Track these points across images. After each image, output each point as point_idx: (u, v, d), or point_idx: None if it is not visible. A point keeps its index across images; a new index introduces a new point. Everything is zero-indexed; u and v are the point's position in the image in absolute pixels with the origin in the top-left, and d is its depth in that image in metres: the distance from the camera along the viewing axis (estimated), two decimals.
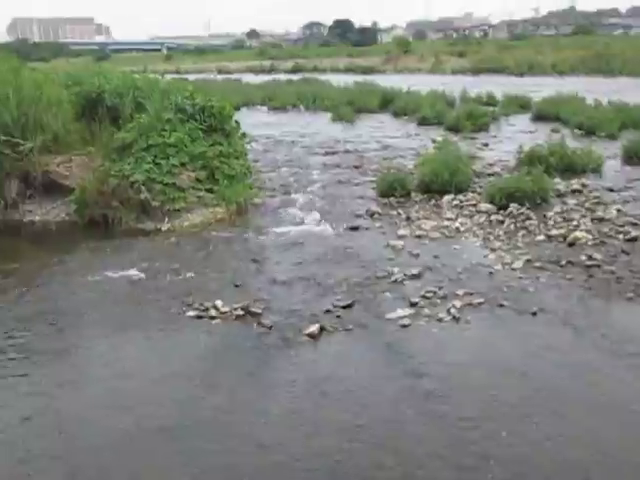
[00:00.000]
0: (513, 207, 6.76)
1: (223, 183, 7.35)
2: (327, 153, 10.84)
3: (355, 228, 6.55)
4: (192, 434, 3.22)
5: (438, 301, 4.65)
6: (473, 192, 7.56)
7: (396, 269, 5.26)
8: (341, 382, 3.62)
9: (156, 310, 4.67)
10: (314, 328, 4.23)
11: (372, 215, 6.99)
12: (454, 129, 12.55)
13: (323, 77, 26.10)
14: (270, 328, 4.31)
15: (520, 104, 15.82)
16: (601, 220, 6.32)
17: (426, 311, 4.49)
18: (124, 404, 3.49)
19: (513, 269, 5.23)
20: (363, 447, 3.08)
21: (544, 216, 6.53)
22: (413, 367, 3.75)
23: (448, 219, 6.68)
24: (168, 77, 11.36)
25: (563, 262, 5.32)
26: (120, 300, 4.86)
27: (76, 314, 4.64)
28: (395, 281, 5.04)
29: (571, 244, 5.76)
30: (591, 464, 2.96)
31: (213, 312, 4.56)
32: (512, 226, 6.38)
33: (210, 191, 7.25)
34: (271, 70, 42.67)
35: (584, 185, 7.63)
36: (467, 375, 3.68)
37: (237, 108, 17.56)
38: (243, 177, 7.72)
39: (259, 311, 4.54)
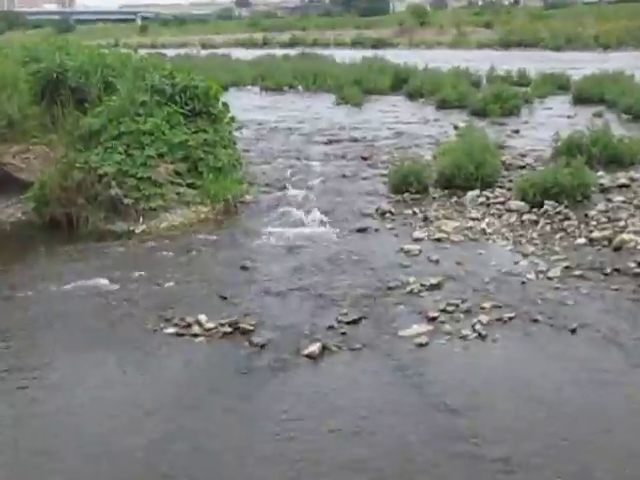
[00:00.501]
0: (549, 205, 6.76)
1: (208, 177, 7.37)
2: (330, 142, 10.88)
3: (363, 230, 6.57)
4: None
5: (461, 316, 4.65)
6: (502, 187, 7.58)
7: (411, 278, 5.27)
8: (346, 414, 3.59)
9: (129, 326, 4.68)
10: (314, 348, 4.23)
11: (383, 214, 7.01)
12: (480, 113, 12.61)
13: (325, 52, 26.21)
14: (263, 347, 4.31)
15: (557, 84, 15.86)
16: None
17: (447, 327, 4.49)
18: (83, 446, 3.39)
19: (549, 278, 5.23)
20: None
21: (585, 215, 6.53)
22: (432, 396, 3.74)
23: (473, 219, 6.70)
24: (143, 52, 11.42)
25: (608, 270, 5.31)
26: (86, 314, 4.85)
27: (33, 332, 4.63)
28: (410, 292, 5.05)
29: (617, 248, 5.76)
30: None
31: (196, 329, 4.57)
32: (548, 227, 6.38)
33: (192, 186, 7.27)
34: (264, 44, 42.87)
35: (632, 179, 7.63)
36: (496, 405, 3.66)
37: (225, 88, 17.61)
38: (231, 170, 7.74)
39: (250, 327, 4.54)
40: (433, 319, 4.60)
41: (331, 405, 3.69)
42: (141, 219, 6.84)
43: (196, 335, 4.51)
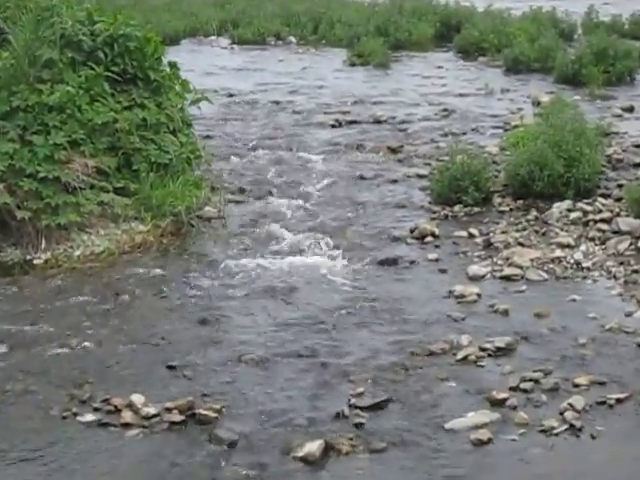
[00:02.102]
0: None
1: (148, 179, 7.41)
2: (339, 124, 10.96)
3: (390, 262, 6.60)
4: None
5: (543, 397, 4.66)
6: (606, 196, 7.63)
7: (465, 338, 5.29)
8: None
9: (25, 411, 4.67)
10: (314, 447, 4.23)
11: (422, 238, 7.04)
12: (572, 81, 12.71)
13: None
14: (232, 446, 4.31)
15: None
16: None
17: (521, 416, 4.49)
18: None
19: None
20: None
21: None
22: None
23: (561, 246, 6.73)
24: None
25: None
26: None
27: None
28: (464, 360, 5.06)
29: None
30: None
31: (128, 415, 4.57)
32: None
33: (124, 193, 7.32)
34: None
35: None
36: None
37: (175, 40, 17.80)
38: (184, 167, 7.80)
39: (213, 415, 4.54)
40: (500, 402, 4.59)
41: None
42: (43, 243, 6.87)
43: (128, 425, 4.50)
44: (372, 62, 15.17)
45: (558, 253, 6.59)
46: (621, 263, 6.42)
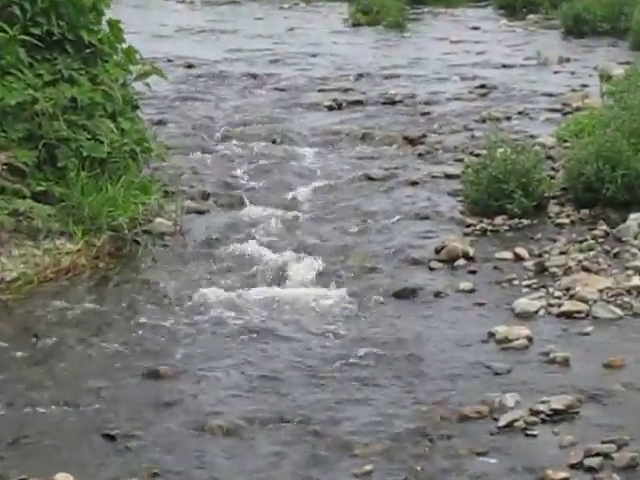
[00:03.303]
0: None
1: (78, 179, 7.44)
2: (337, 106, 11.04)
3: (408, 294, 6.63)
4: None
5: (615, 477, 4.60)
6: None
7: (511, 397, 5.27)
8: None
9: None
10: None
11: (451, 261, 7.07)
12: None
13: None
14: None
15: None
16: None
17: None
18: None
19: None
20: None
21: None
22: None
23: None
24: None
25: None
26: None
27: None
28: (509, 427, 5.05)
29: None
30: None
31: None
32: None
33: (46, 199, 7.34)
34: None
35: None
36: None
37: None
38: (127, 165, 7.84)
39: None
40: None
41: None
42: None
43: None
44: (383, 21, 15.25)
45: (636, 281, 6.61)
46: None
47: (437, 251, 7.20)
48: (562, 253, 7.09)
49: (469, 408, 5.23)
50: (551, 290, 6.57)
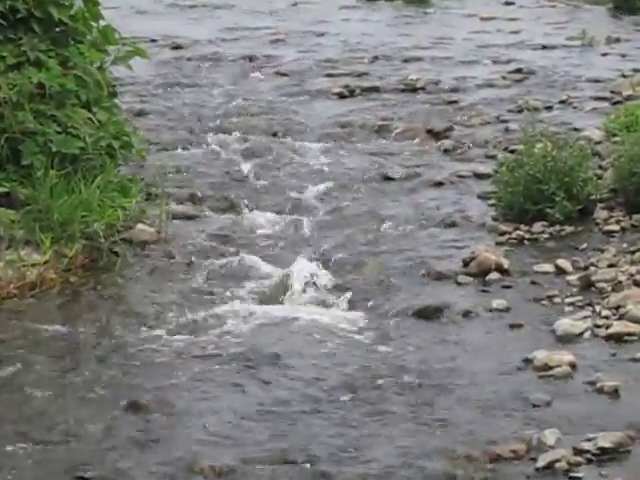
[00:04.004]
0: None
1: (46, 179, 7.50)
2: (349, 93, 11.12)
3: (432, 314, 6.68)
4: None
5: None
6: None
7: (551, 434, 5.30)
8: None
9: None
10: None
11: (482, 275, 7.14)
12: None
13: None
14: None
15: None
16: None
17: None
18: None
19: None
20: None
21: None
22: None
23: None
24: None
25: None
26: None
27: None
28: (549, 468, 5.06)
29: None
30: None
31: None
32: None
33: (8, 202, 7.42)
34: None
35: None
36: None
37: None
38: (104, 162, 7.91)
39: None
40: None
41: None
42: None
43: None
44: None
45: None
46: None
47: (466, 263, 7.28)
48: (611, 265, 7.14)
49: (503, 447, 5.24)
50: (598, 309, 6.62)
